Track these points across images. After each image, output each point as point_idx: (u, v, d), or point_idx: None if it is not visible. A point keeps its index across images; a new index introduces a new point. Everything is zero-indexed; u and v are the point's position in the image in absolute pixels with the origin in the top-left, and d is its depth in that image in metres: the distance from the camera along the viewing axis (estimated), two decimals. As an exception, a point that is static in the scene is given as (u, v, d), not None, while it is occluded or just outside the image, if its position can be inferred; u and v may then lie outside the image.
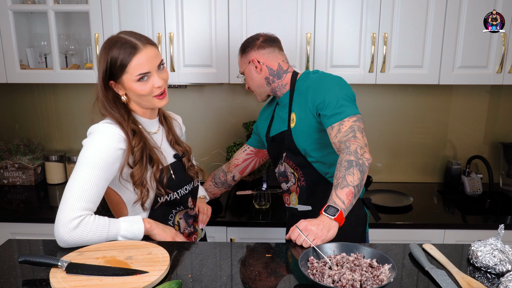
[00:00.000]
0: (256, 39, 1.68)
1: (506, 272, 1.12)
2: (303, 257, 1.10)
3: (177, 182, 1.43)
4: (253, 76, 1.68)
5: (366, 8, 2.04)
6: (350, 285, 1.00)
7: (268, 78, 1.67)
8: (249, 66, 1.67)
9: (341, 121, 1.43)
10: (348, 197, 1.28)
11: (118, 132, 1.30)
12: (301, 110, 1.58)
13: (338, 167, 1.34)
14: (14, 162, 2.42)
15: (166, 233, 1.35)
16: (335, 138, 1.42)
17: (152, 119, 1.45)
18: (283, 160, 1.70)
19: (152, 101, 1.35)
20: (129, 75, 1.29)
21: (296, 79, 1.66)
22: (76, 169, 1.26)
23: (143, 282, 1.03)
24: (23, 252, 1.25)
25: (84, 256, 1.15)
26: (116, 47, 1.29)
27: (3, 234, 2.05)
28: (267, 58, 1.66)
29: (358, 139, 1.38)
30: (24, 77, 2.18)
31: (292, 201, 1.73)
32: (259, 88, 1.71)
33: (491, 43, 2.09)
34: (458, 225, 2.02)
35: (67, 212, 1.21)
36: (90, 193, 1.23)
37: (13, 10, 2.11)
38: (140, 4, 2.06)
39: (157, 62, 1.32)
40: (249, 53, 1.67)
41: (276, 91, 1.70)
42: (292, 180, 1.70)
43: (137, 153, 1.32)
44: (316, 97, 1.52)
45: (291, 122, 1.63)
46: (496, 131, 2.54)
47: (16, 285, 1.06)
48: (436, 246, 1.27)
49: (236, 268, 1.15)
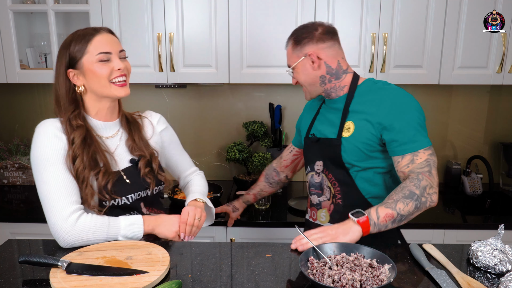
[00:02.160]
0: (315, 30, 1.45)
1: (506, 272, 1.12)
2: (303, 257, 1.10)
3: (130, 187, 1.36)
4: (307, 73, 1.47)
5: (366, 8, 2.05)
6: (350, 285, 1.00)
7: (324, 77, 1.47)
8: (304, 61, 1.45)
9: (416, 152, 1.33)
10: (386, 217, 1.24)
11: (58, 125, 1.30)
12: (363, 123, 1.41)
13: (397, 190, 1.29)
14: (14, 162, 2.42)
15: (167, 231, 1.33)
16: (406, 168, 1.33)
17: (109, 122, 1.39)
18: (322, 170, 1.53)
19: (111, 89, 1.30)
20: (90, 55, 1.27)
21: (357, 84, 1.48)
22: (36, 173, 1.25)
23: (143, 282, 1.03)
24: (23, 252, 1.25)
25: (84, 256, 1.15)
26: (75, 35, 1.30)
27: (3, 234, 2.05)
28: (327, 53, 1.44)
29: (432, 176, 1.31)
30: (24, 77, 2.18)
31: (320, 218, 1.55)
32: (311, 86, 1.50)
33: (491, 43, 2.09)
34: (458, 225, 2.02)
35: (56, 213, 1.20)
36: (67, 188, 1.23)
37: (13, 10, 2.12)
38: (140, 4, 2.06)
39: (118, 47, 1.32)
40: (306, 45, 1.44)
41: (331, 93, 1.49)
42: (327, 194, 1.52)
43: (76, 146, 1.27)
44: (387, 116, 1.36)
45: (344, 131, 1.44)
46: (496, 131, 2.54)
47: (16, 285, 1.06)
48: (436, 246, 1.27)
49: (236, 268, 1.15)
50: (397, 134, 1.34)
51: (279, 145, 2.46)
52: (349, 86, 1.47)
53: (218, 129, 2.56)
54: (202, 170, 1.70)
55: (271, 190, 1.97)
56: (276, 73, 2.13)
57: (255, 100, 2.52)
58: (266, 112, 2.52)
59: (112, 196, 1.31)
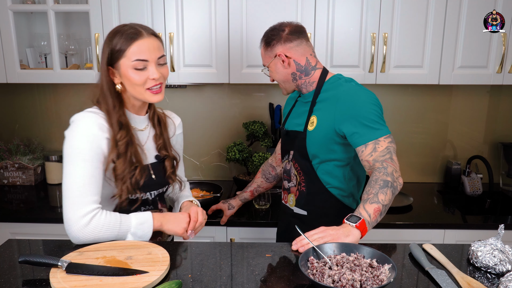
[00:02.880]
0: (281, 31, 1.54)
1: (506, 272, 1.12)
2: (303, 257, 1.10)
3: (155, 183, 1.41)
4: (279, 71, 1.58)
5: (366, 8, 2.04)
6: (350, 285, 1.00)
7: (295, 74, 1.57)
8: (276, 60, 1.56)
9: (377, 140, 1.40)
10: (375, 213, 1.27)
11: (101, 122, 1.28)
12: (324, 117, 1.52)
13: (372, 184, 1.33)
14: (14, 162, 2.42)
15: (176, 227, 1.34)
16: (370, 156, 1.39)
17: (140, 116, 1.40)
18: (290, 159, 1.65)
19: (144, 95, 1.30)
20: (127, 59, 1.26)
21: (324, 80, 1.57)
22: (68, 163, 1.24)
23: (143, 282, 1.03)
24: (23, 252, 1.25)
25: (84, 256, 1.15)
26: (120, 31, 1.28)
27: (3, 234, 2.04)
28: (295, 52, 1.54)
29: (394, 162, 1.38)
30: (24, 77, 2.18)
31: (289, 201, 1.70)
32: (285, 83, 1.61)
33: (491, 43, 2.09)
34: (458, 225, 2.02)
35: (74, 210, 1.21)
36: (91, 187, 1.23)
37: (13, 10, 2.11)
38: (140, 4, 2.06)
39: (157, 54, 1.30)
40: (275, 46, 1.54)
41: (302, 88, 1.61)
42: (294, 181, 1.66)
43: (121, 146, 1.28)
44: (347, 111, 1.46)
45: (309, 125, 1.56)
46: (496, 131, 2.54)
47: (16, 285, 1.06)
48: (436, 246, 1.27)
49: (236, 268, 1.15)
50: (359, 126, 1.42)
51: (279, 145, 2.46)
52: (317, 82, 1.57)
53: (218, 129, 2.56)
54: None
55: (268, 185, 2.02)
56: (276, 73, 2.12)
57: (255, 100, 2.52)
58: (266, 112, 2.52)
59: (140, 192, 1.35)
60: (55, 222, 2.03)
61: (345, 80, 1.56)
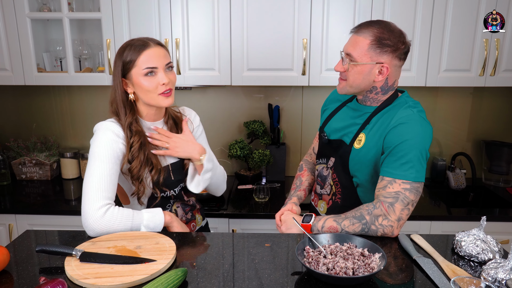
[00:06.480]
0: (401, 44, 1.28)
1: (488, 260, 1.12)
2: (299, 246, 1.10)
3: (175, 181, 1.44)
4: (365, 76, 1.31)
5: (358, 15, 2.04)
6: (343, 272, 1.00)
7: (376, 88, 1.34)
8: (373, 65, 1.29)
9: (393, 180, 1.24)
10: (329, 229, 1.29)
11: (118, 129, 1.32)
12: (373, 139, 1.32)
13: (354, 209, 1.29)
14: (32, 159, 2.42)
15: (182, 226, 1.38)
16: (378, 190, 1.27)
17: (157, 121, 1.43)
18: (330, 166, 1.45)
19: (157, 99, 1.32)
20: (138, 68, 1.29)
21: (391, 102, 1.35)
22: (89, 165, 1.29)
23: (151, 270, 1.03)
24: (40, 242, 1.24)
25: (97, 246, 1.15)
26: (130, 45, 1.31)
27: (21, 225, 2.05)
28: (395, 71, 1.32)
29: (392, 209, 1.23)
30: (41, 80, 2.18)
31: (319, 207, 1.52)
32: (354, 87, 1.35)
33: (474, 48, 2.08)
34: (443, 217, 2.02)
35: (91, 203, 1.23)
36: (106, 184, 1.26)
37: (30, 17, 2.11)
38: (148, 12, 2.06)
39: (165, 61, 1.32)
40: (386, 54, 1.28)
41: (367, 101, 1.38)
42: (327, 189, 1.47)
43: (134, 150, 1.33)
44: (394, 140, 1.26)
45: (356, 142, 1.36)
46: (478, 130, 2.54)
47: (34, 273, 1.06)
48: (423, 236, 1.26)
49: (237, 257, 1.15)
50: (391, 156, 1.26)
51: (278, 142, 2.45)
52: (384, 101, 1.36)
53: (220, 127, 2.55)
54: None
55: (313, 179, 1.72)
56: (275, 76, 2.12)
57: (255, 101, 2.52)
58: (265, 112, 2.52)
59: (163, 189, 1.40)
60: (70, 214, 2.03)
61: (408, 106, 1.33)
